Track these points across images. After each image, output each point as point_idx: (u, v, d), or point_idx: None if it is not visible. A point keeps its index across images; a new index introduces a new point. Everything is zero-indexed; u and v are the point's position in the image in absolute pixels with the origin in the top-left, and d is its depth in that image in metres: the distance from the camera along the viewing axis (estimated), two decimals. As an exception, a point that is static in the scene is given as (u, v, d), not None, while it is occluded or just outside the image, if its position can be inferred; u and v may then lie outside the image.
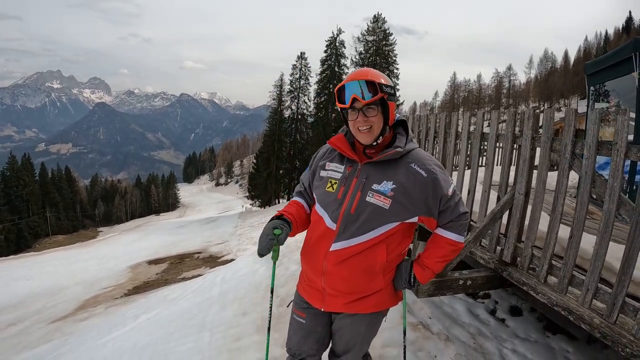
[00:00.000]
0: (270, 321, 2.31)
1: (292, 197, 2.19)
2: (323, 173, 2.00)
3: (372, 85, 1.75)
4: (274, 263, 2.13)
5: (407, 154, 1.86)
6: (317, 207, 1.98)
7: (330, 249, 1.89)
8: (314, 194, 2.05)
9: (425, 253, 2.01)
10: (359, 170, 1.88)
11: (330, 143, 2.00)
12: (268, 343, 2.36)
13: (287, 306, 2.36)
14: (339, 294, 1.96)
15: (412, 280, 1.99)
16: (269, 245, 1.88)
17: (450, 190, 1.88)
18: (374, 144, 1.86)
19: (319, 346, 2.18)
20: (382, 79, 1.79)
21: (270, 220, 1.97)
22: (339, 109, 1.88)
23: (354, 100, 1.76)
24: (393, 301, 2.07)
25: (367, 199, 1.83)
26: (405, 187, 1.81)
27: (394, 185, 1.81)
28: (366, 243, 1.85)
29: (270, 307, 2.29)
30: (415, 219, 1.89)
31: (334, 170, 1.96)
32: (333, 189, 1.91)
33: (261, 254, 1.87)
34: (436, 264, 1.99)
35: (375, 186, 1.83)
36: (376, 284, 1.94)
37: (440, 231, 1.96)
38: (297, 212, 2.07)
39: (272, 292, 2.24)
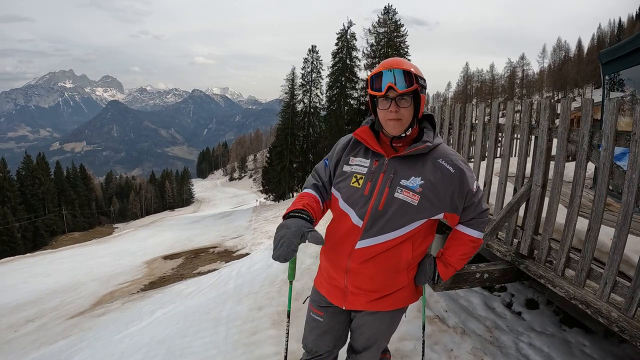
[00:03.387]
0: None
1: (305, 189, 2.02)
2: (347, 168, 1.90)
3: (408, 76, 1.69)
4: (291, 283, 2.08)
5: (433, 149, 1.81)
6: (342, 204, 1.89)
7: (356, 247, 1.84)
8: (336, 190, 1.94)
9: (448, 251, 1.99)
10: (386, 164, 1.81)
11: (355, 135, 1.91)
12: None
13: (303, 302, 2.34)
14: (362, 292, 1.92)
15: (436, 277, 1.97)
16: (290, 253, 1.67)
17: (475, 186, 1.85)
18: (402, 135, 1.80)
19: (337, 343, 2.17)
20: (417, 70, 1.74)
21: (293, 216, 1.79)
22: (369, 96, 1.81)
23: (389, 88, 1.69)
24: (414, 297, 2.05)
25: (396, 195, 1.77)
26: (433, 183, 1.76)
27: (422, 181, 1.76)
28: (393, 241, 1.80)
29: (287, 340, 2.27)
30: (441, 215, 1.85)
31: (359, 165, 1.88)
32: (359, 185, 1.84)
33: (285, 259, 1.67)
34: (459, 261, 1.99)
35: (403, 182, 1.77)
36: (400, 282, 1.92)
37: (463, 228, 1.94)
38: (317, 209, 1.91)
39: (288, 316, 2.20)
